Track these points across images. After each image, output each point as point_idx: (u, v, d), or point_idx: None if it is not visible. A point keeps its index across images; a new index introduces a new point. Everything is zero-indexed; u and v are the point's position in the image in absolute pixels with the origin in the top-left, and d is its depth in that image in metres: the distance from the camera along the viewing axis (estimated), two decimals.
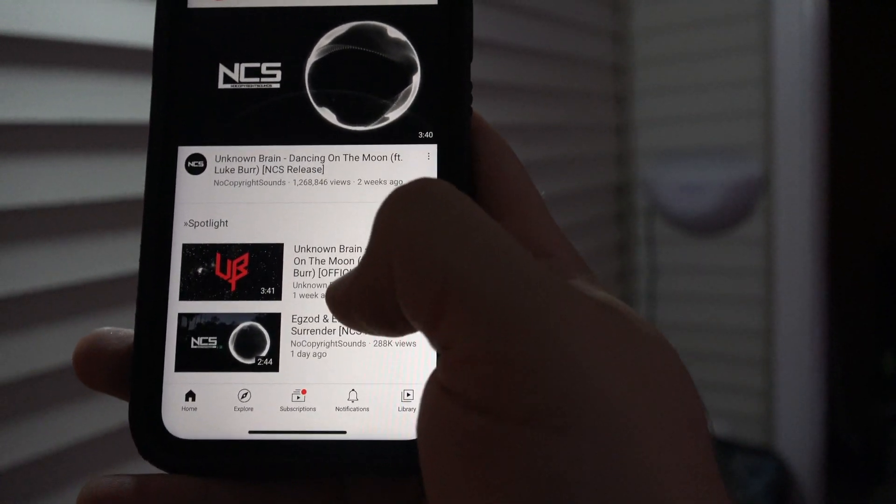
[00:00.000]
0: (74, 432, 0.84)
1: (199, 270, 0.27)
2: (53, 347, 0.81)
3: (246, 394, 0.26)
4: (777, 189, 2.04)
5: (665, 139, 2.23)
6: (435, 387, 0.20)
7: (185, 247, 0.27)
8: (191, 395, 0.26)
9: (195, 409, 0.26)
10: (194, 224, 0.28)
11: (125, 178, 0.89)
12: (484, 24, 1.54)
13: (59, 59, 0.83)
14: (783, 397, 2.05)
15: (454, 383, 0.19)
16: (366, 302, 0.22)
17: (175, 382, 0.26)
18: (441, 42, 0.28)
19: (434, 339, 0.20)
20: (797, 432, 2.04)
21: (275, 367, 0.27)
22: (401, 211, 0.21)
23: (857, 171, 2.59)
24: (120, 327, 0.27)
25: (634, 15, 2.26)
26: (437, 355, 0.23)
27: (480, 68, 0.72)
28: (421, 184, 0.21)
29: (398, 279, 0.20)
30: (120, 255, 0.88)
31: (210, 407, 0.26)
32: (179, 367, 0.26)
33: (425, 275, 0.19)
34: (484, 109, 0.29)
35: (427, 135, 0.28)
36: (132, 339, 0.26)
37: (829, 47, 2.06)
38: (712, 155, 2.12)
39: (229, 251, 0.27)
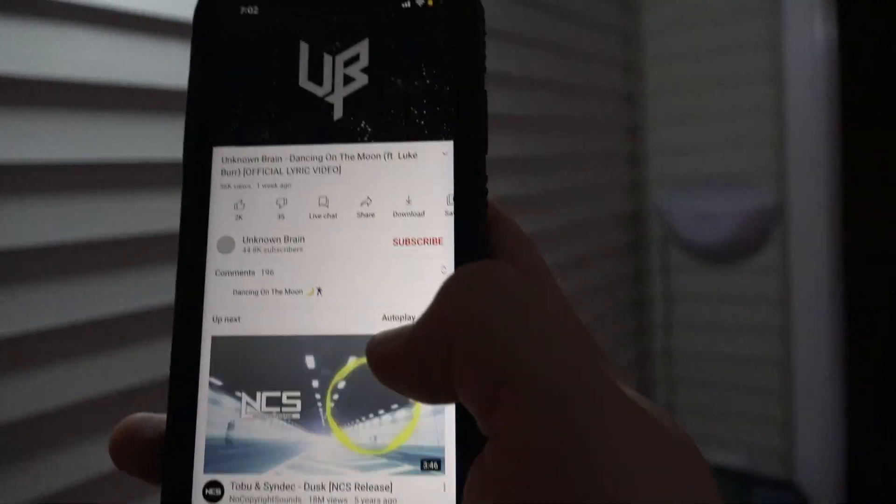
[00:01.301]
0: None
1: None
2: (80, 381, 0.80)
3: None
4: (791, 218, 1.96)
5: (678, 168, 2.14)
6: (479, 474, 0.20)
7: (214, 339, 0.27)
8: (218, 489, 0.26)
9: None
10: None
11: (146, 215, 0.89)
12: (497, 58, 1.50)
13: (82, 100, 0.84)
14: (802, 428, 1.95)
15: (501, 475, 0.19)
16: (415, 371, 0.22)
17: (204, 481, 0.26)
18: (455, 42, 0.28)
19: (485, 423, 0.20)
20: (817, 464, 1.93)
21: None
22: (467, 291, 0.21)
23: (871, 198, 2.51)
24: (154, 413, 0.27)
25: (646, 45, 2.19)
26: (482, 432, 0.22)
27: (496, 101, 0.69)
28: (489, 267, 0.21)
29: (458, 360, 0.20)
30: (143, 290, 0.87)
31: None
32: (209, 469, 0.26)
33: (487, 360, 0.19)
34: (500, 141, 0.27)
35: (443, 132, 0.27)
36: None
37: (841, 76, 1.99)
38: (726, 183, 2.04)
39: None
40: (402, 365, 0.22)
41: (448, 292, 0.21)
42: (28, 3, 0.81)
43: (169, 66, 0.93)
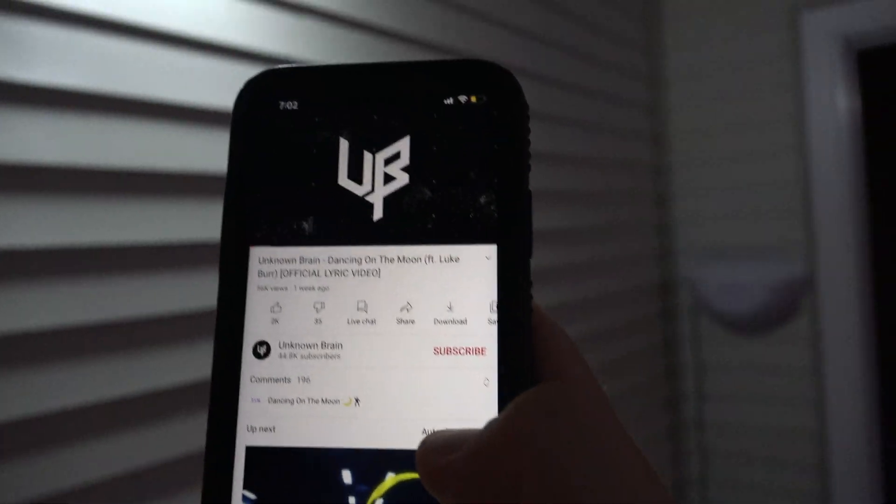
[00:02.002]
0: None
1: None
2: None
3: None
4: (821, 287, 1.91)
5: (707, 238, 2.11)
6: None
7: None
8: None
9: None
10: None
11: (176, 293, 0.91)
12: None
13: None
14: (839, 502, 1.87)
15: None
16: (475, 490, 0.21)
17: None
18: (499, 141, 0.26)
19: None
20: None
21: None
22: (537, 422, 0.21)
23: None
24: None
25: (673, 118, 2.20)
26: None
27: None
28: (556, 396, 0.21)
29: (527, 492, 0.20)
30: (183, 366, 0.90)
31: None
32: None
33: (559, 497, 0.19)
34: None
35: (486, 234, 0.26)
36: None
37: (865, 147, 1.97)
38: (755, 254, 2.01)
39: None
40: (461, 481, 0.21)
41: (518, 420, 0.21)
42: (77, 99, 0.85)
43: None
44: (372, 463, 0.24)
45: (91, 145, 0.86)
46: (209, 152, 0.98)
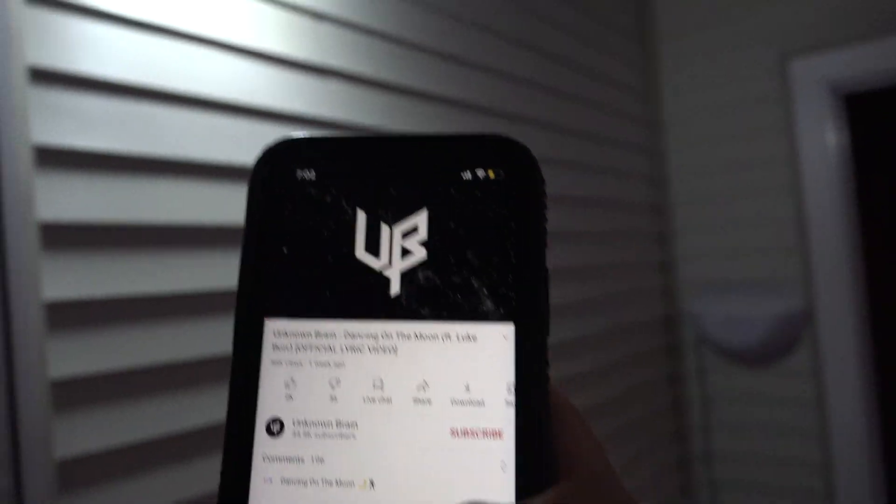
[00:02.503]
0: None
1: None
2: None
3: None
4: (820, 320, 1.93)
5: (708, 274, 2.14)
6: None
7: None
8: None
9: None
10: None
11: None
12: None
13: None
14: None
15: None
16: None
17: None
18: (516, 217, 0.25)
19: None
20: None
21: None
22: None
23: None
24: None
25: (671, 160, 2.23)
26: None
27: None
28: (576, 494, 0.21)
29: None
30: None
31: None
32: None
33: None
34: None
35: (504, 313, 0.24)
36: None
37: (856, 184, 2.00)
38: (754, 288, 2.02)
39: None
40: None
41: None
42: (124, 162, 0.90)
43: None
44: None
45: (137, 202, 0.91)
46: (241, 206, 1.03)
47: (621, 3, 2.18)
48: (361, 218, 0.26)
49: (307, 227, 0.26)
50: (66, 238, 0.85)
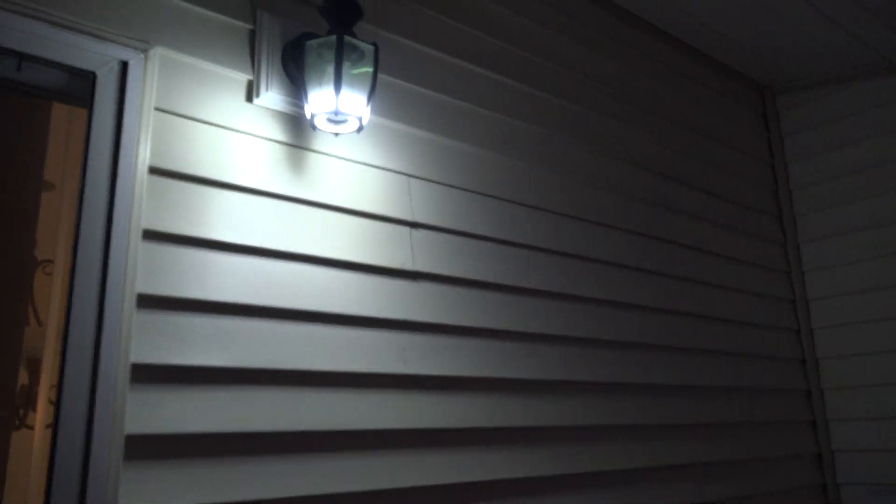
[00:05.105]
0: None
1: None
2: None
3: None
4: None
5: (869, 470, 1.91)
6: None
7: None
8: None
9: None
10: None
11: None
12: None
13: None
14: None
15: None
16: None
17: None
18: None
19: None
20: None
21: None
22: None
23: None
24: None
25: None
26: None
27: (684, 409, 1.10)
28: None
29: None
30: None
31: None
32: None
33: None
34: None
35: None
36: None
37: None
38: None
39: None
40: None
41: None
42: (224, 375, 0.98)
43: None
44: None
45: (237, 413, 0.98)
46: (343, 411, 1.09)
47: None
48: None
49: None
50: (173, 449, 0.93)
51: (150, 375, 0.92)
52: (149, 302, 0.94)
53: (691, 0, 1.80)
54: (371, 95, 1.12)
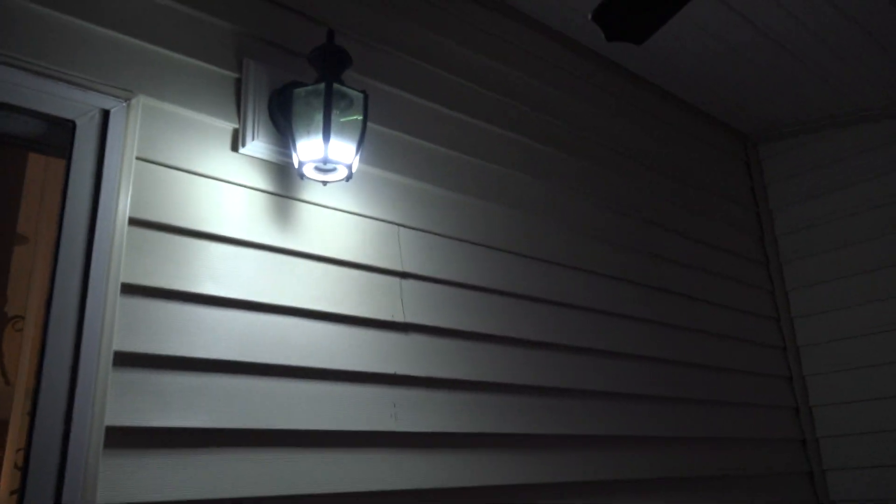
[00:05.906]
0: None
1: None
2: None
3: None
4: None
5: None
6: None
7: None
8: None
9: None
10: None
11: None
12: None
13: None
14: None
15: None
16: None
17: None
18: None
19: None
20: None
21: None
22: None
23: None
24: None
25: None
26: None
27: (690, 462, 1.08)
28: None
29: None
30: None
31: None
32: None
33: None
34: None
35: None
36: None
37: None
38: None
39: None
40: None
41: None
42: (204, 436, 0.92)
43: None
44: None
45: (220, 477, 0.92)
46: (335, 473, 1.03)
47: None
48: None
49: None
50: None
51: (126, 439, 0.86)
52: (126, 359, 0.89)
53: (676, 53, 1.82)
54: (360, 143, 1.10)
